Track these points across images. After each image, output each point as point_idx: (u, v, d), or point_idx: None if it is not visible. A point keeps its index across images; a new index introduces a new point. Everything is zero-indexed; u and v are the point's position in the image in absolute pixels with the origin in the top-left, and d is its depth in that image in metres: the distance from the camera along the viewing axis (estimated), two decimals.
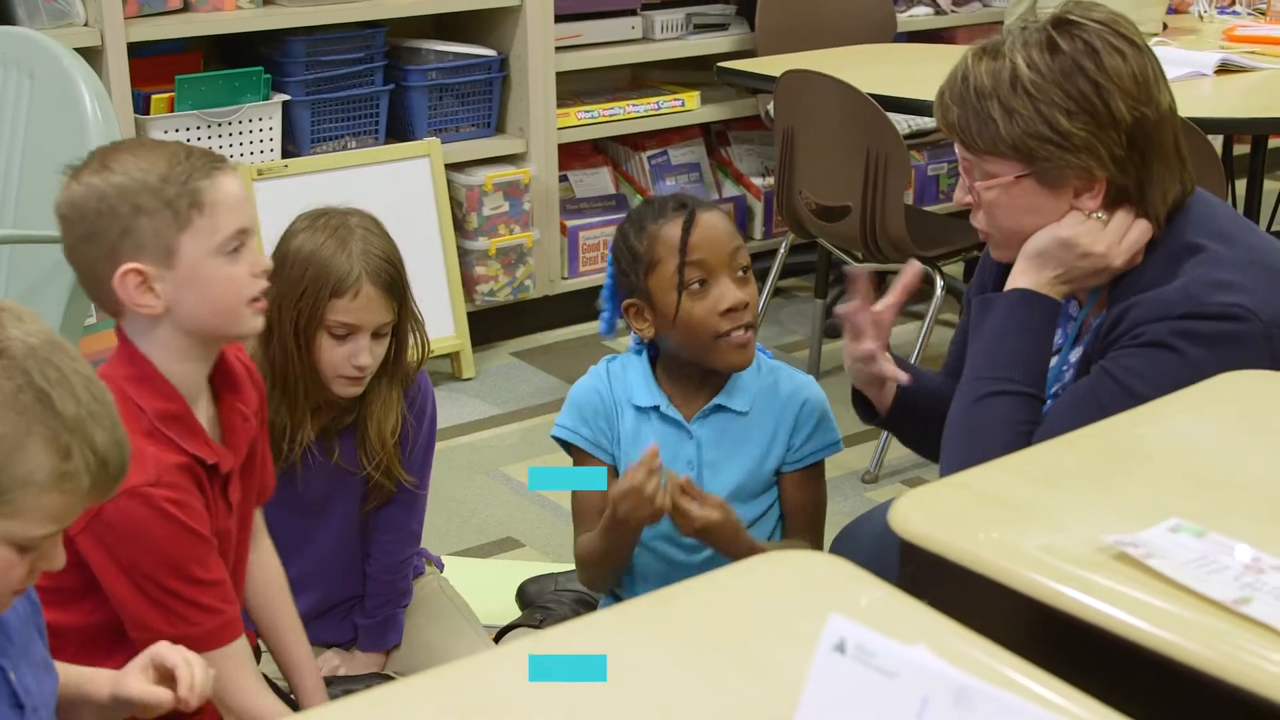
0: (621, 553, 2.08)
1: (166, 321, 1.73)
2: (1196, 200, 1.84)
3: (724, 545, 2.01)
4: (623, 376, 2.15)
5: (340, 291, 2.09)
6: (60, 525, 1.40)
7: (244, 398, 1.86)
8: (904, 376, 2.00)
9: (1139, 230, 1.80)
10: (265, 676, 1.96)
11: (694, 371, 2.10)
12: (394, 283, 2.14)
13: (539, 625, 2.48)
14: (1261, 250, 1.80)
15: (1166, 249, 1.80)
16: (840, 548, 2.11)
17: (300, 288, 2.10)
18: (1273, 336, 1.70)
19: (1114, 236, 1.80)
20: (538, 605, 2.57)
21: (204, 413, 1.81)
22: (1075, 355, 1.90)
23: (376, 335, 2.14)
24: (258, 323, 1.79)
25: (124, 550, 1.72)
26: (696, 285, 2.01)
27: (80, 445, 1.36)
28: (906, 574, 1.27)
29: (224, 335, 1.79)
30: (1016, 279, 1.85)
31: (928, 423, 1.97)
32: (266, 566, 2.05)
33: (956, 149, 1.88)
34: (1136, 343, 1.74)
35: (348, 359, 2.12)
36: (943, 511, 1.30)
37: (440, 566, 2.53)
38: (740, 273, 2.03)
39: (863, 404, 2.09)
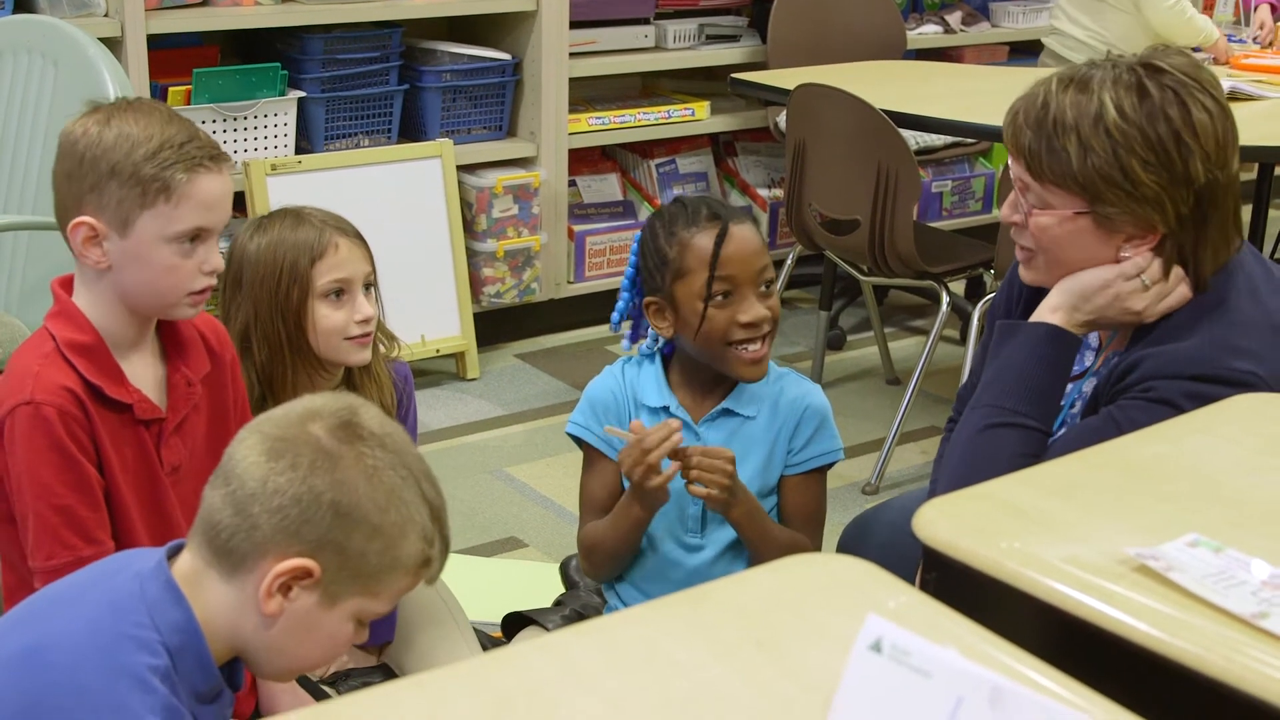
0: (630, 538, 2.13)
1: (109, 279, 1.78)
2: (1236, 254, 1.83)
3: (746, 515, 2.07)
4: (636, 378, 2.19)
5: (321, 253, 2.13)
6: (395, 604, 1.50)
7: (190, 363, 1.89)
8: None
9: (1176, 297, 1.79)
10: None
11: (706, 375, 2.14)
12: (361, 235, 2.18)
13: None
14: None
15: (1195, 299, 1.80)
16: (852, 537, 2.14)
17: (277, 274, 2.13)
18: None
19: (1155, 298, 1.79)
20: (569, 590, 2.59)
21: (149, 370, 1.84)
22: (1088, 386, 1.90)
23: (366, 288, 2.18)
24: (192, 313, 1.83)
25: (12, 466, 1.74)
26: (721, 297, 2.05)
27: (439, 534, 1.47)
28: (929, 580, 1.30)
29: (157, 314, 1.83)
30: (1047, 314, 1.84)
31: None
32: None
33: (1015, 167, 1.84)
34: (1146, 396, 1.74)
35: (351, 316, 2.15)
36: (966, 520, 1.33)
37: None
38: (764, 287, 2.06)
39: None
